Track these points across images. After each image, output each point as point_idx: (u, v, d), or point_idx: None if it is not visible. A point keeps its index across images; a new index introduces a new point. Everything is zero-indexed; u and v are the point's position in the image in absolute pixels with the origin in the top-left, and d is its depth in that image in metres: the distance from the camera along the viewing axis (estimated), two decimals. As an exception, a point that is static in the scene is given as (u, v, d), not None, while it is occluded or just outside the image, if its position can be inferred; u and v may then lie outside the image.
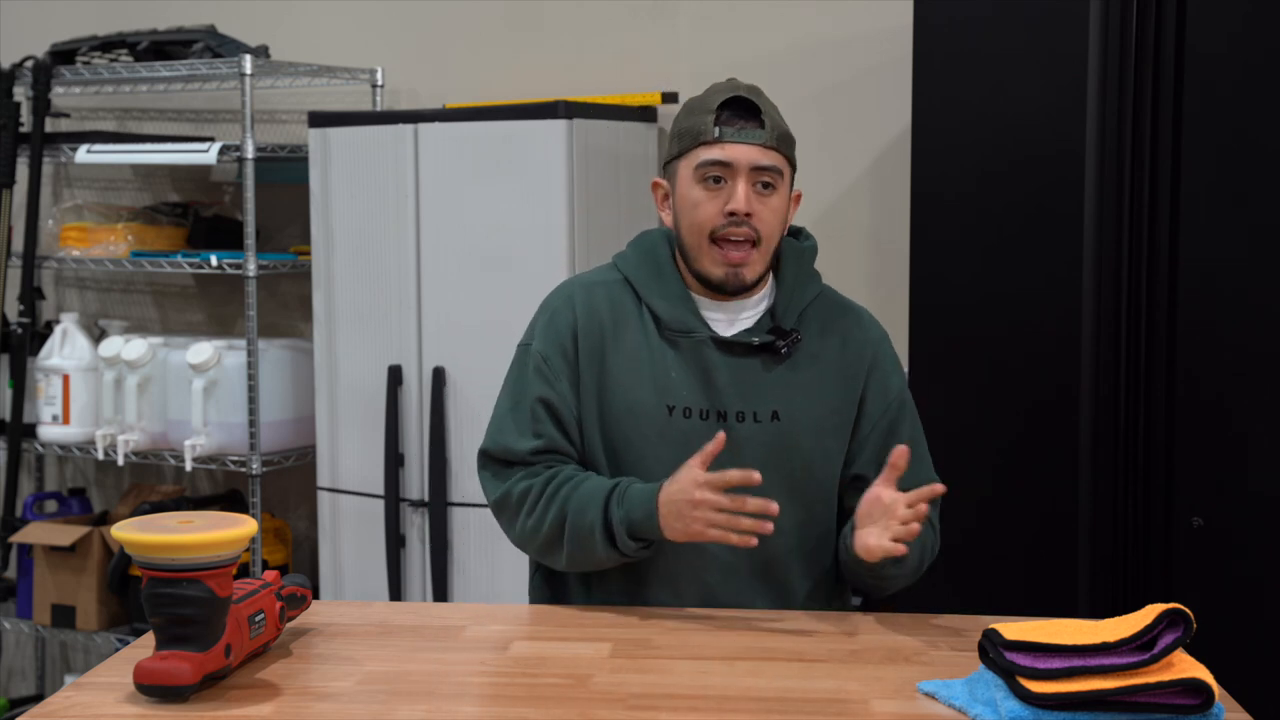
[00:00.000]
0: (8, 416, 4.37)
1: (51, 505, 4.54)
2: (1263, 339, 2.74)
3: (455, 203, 3.66)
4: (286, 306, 4.47)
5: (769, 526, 2.12)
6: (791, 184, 2.36)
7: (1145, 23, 2.78)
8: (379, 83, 4.26)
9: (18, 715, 4.25)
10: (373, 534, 3.79)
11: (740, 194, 2.25)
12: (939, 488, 2.16)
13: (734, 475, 2.12)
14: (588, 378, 2.32)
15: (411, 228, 3.71)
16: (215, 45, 4.07)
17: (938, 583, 3.02)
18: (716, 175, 2.27)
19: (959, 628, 2.17)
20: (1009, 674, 1.76)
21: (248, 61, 3.89)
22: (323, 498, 3.93)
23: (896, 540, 2.14)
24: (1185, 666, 1.73)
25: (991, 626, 1.82)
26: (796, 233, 2.46)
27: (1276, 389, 2.73)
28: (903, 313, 3.11)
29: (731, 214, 2.25)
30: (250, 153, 3.89)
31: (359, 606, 2.37)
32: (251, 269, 3.91)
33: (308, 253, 4.01)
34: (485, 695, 1.90)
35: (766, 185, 2.27)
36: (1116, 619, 1.79)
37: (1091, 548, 2.84)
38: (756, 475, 2.12)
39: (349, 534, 3.87)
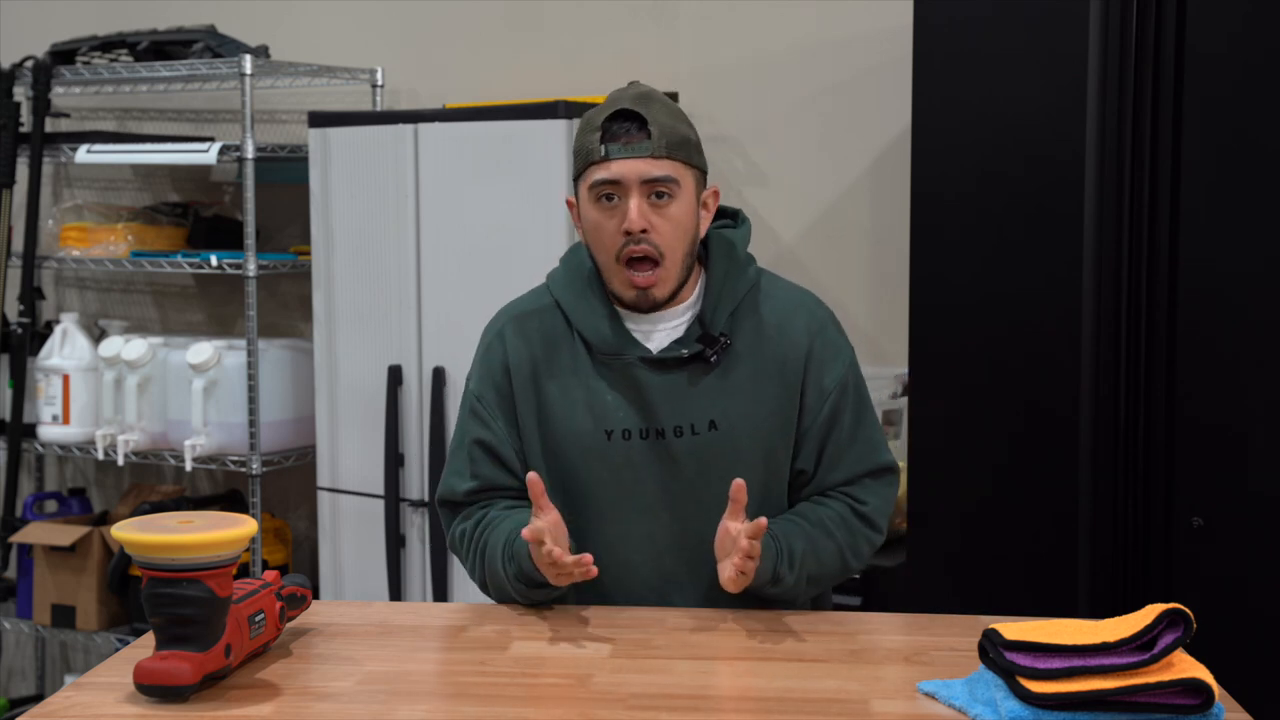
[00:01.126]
0: (8, 416, 4.37)
1: (51, 505, 4.54)
2: (1263, 339, 2.74)
3: (455, 203, 3.66)
4: (286, 306, 4.48)
5: (592, 571, 2.13)
6: (700, 186, 2.31)
7: (1145, 23, 2.78)
8: (379, 83, 4.26)
9: (18, 715, 4.25)
10: (373, 534, 3.79)
11: (633, 211, 2.21)
12: (763, 523, 2.12)
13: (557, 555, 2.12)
14: (525, 410, 2.32)
15: (411, 228, 3.71)
16: (215, 45, 4.07)
17: (938, 583, 3.02)
18: (608, 194, 2.24)
19: (959, 628, 2.16)
20: (1009, 674, 1.76)
21: (248, 61, 3.89)
22: (323, 498, 3.93)
23: (742, 573, 2.16)
24: (1185, 666, 1.73)
25: (991, 626, 1.82)
26: (734, 214, 2.43)
27: (1276, 389, 2.73)
28: (903, 313, 3.11)
29: (628, 232, 2.23)
30: (250, 153, 3.89)
31: (359, 606, 2.37)
32: (251, 269, 3.91)
33: (308, 253, 4.01)
34: (485, 695, 1.90)
35: (661, 195, 2.23)
36: (1116, 619, 1.79)
37: (1091, 548, 2.84)
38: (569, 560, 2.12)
39: (349, 534, 3.87)
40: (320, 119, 3.87)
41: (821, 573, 2.30)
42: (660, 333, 2.31)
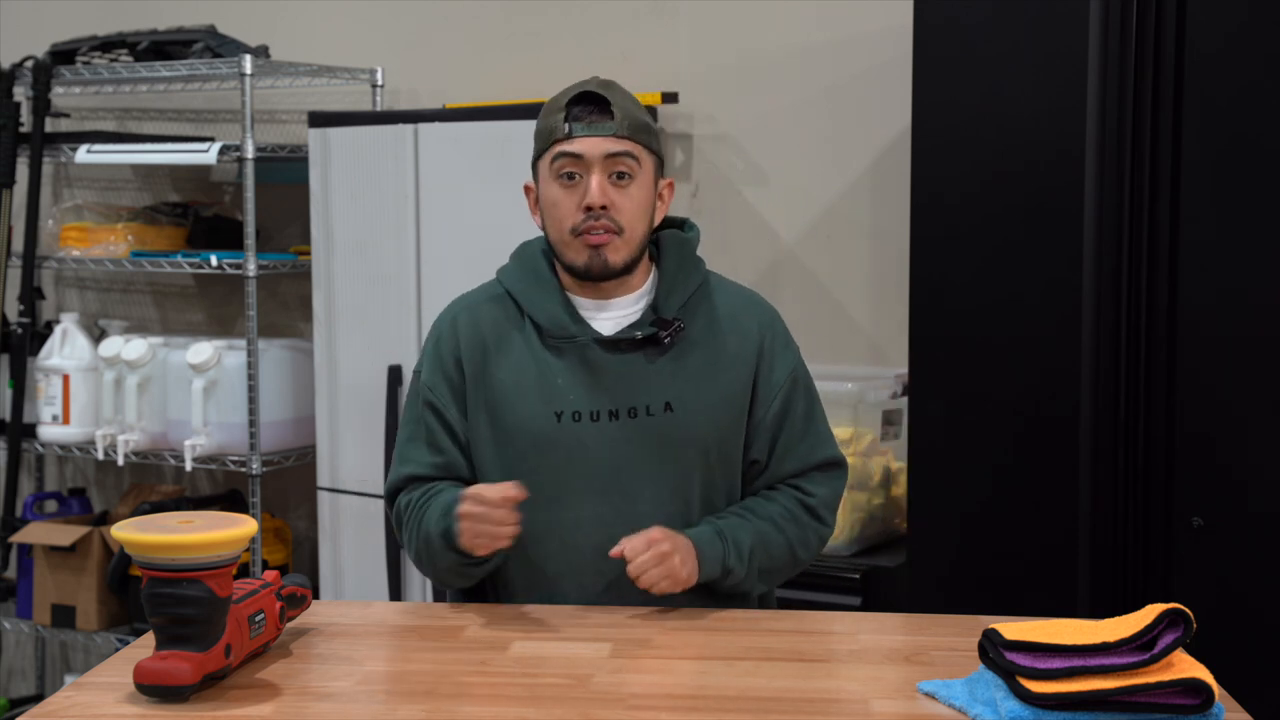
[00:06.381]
0: (8, 416, 4.37)
1: (51, 505, 4.54)
2: (1263, 338, 2.74)
3: (455, 203, 3.66)
4: (286, 306, 4.47)
5: (510, 526, 2.15)
6: (658, 173, 2.36)
7: (1145, 23, 2.78)
8: (379, 83, 4.26)
9: (18, 715, 4.25)
10: (373, 534, 3.79)
11: (594, 186, 2.26)
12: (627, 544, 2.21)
13: (494, 492, 2.15)
14: (475, 399, 2.34)
15: (411, 228, 3.71)
16: (215, 45, 4.07)
17: (938, 583, 3.02)
18: (570, 171, 2.29)
19: (959, 628, 2.17)
20: (1009, 674, 1.76)
21: (248, 61, 3.89)
22: (323, 498, 3.93)
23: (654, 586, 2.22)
24: (1185, 666, 1.73)
25: (991, 626, 1.82)
26: (681, 224, 2.47)
27: (1277, 389, 2.73)
28: (903, 313, 3.11)
29: (589, 209, 2.27)
30: (250, 153, 3.89)
31: (359, 606, 2.37)
32: (251, 269, 3.91)
33: (308, 253, 4.01)
34: (485, 695, 1.90)
35: (622, 175, 2.28)
36: (1116, 619, 1.79)
37: (1091, 548, 2.84)
38: (513, 493, 2.15)
39: (349, 534, 3.87)
40: (320, 119, 3.87)
41: (772, 566, 2.33)
42: (612, 319, 2.34)
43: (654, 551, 2.20)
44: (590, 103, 2.29)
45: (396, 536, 2.41)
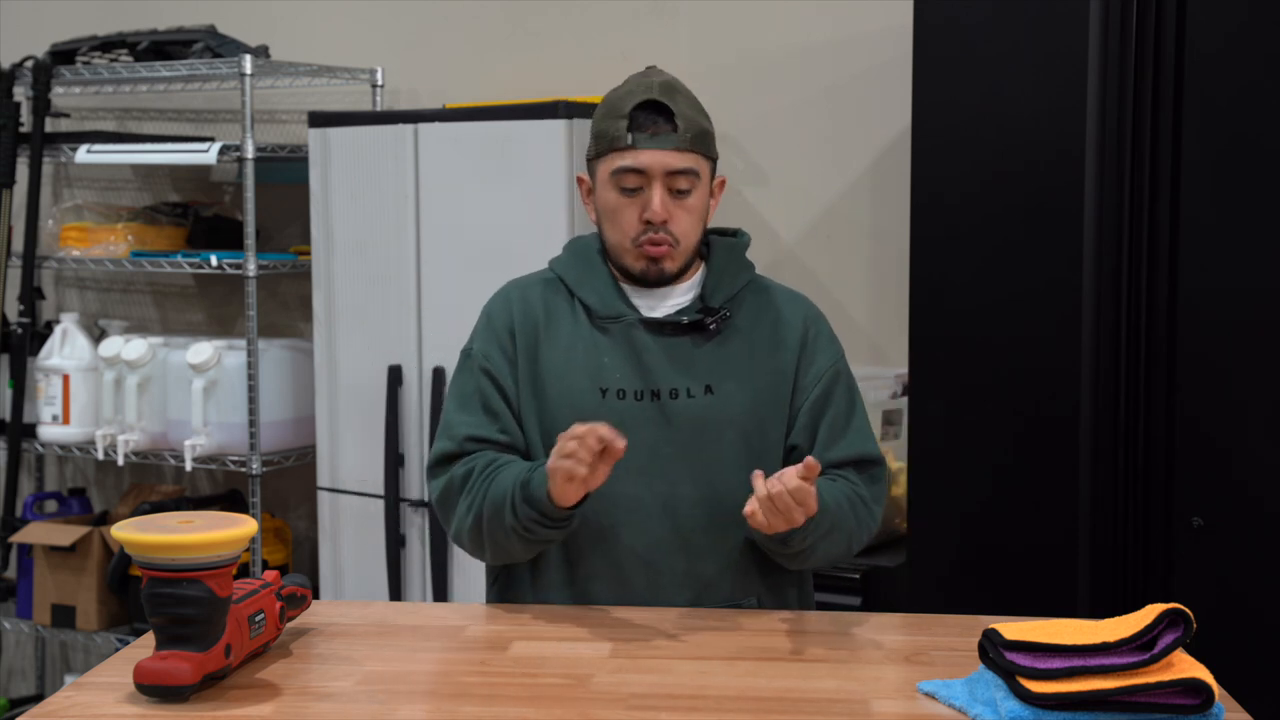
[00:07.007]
0: (8, 416, 4.37)
1: (51, 505, 4.54)
2: (1263, 338, 2.74)
3: (455, 203, 3.66)
4: (286, 306, 4.48)
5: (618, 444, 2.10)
6: (713, 175, 2.38)
7: (1145, 23, 2.78)
8: (379, 83, 4.26)
9: (18, 715, 4.25)
10: (373, 534, 3.80)
11: (655, 202, 2.28)
12: (813, 464, 2.10)
13: (603, 429, 2.11)
14: (524, 373, 2.36)
15: (411, 228, 3.71)
16: (215, 45, 4.07)
17: (938, 583, 3.02)
18: (632, 186, 2.29)
19: (959, 628, 2.17)
20: (1009, 674, 1.76)
21: (248, 61, 3.89)
22: (323, 498, 3.93)
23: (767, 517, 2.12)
24: (1185, 666, 1.73)
25: (991, 626, 1.82)
26: (734, 234, 2.49)
27: (1276, 388, 2.73)
28: (903, 313, 3.11)
29: (649, 222, 2.29)
30: (250, 153, 3.89)
31: (359, 606, 2.37)
32: (251, 269, 3.91)
33: (308, 253, 4.01)
34: (485, 695, 1.90)
35: (682, 191, 2.30)
36: (1116, 619, 1.79)
37: (1091, 548, 2.84)
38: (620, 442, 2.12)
39: (349, 534, 3.87)
40: (320, 119, 3.87)
41: (833, 537, 2.28)
42: (659, 306, 2.37)
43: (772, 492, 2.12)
44: (654, 110, 2.29)
45: (439, 510, 2.36)
